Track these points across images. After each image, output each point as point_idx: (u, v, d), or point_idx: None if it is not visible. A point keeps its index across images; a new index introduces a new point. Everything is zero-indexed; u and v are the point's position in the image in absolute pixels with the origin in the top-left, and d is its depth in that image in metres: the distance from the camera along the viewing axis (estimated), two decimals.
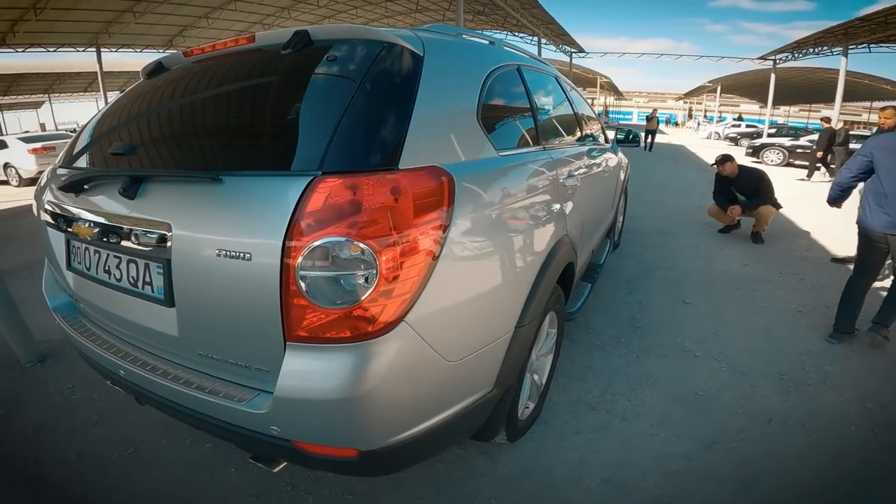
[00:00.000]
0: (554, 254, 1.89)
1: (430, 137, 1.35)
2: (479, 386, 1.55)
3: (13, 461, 2.08)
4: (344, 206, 1.11)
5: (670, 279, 4.17)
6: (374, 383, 1.16)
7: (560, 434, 2.20)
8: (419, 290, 1.20)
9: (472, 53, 1.80)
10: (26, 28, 13.74)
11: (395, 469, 1.61)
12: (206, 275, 1.25)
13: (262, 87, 1.57)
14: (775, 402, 2.42)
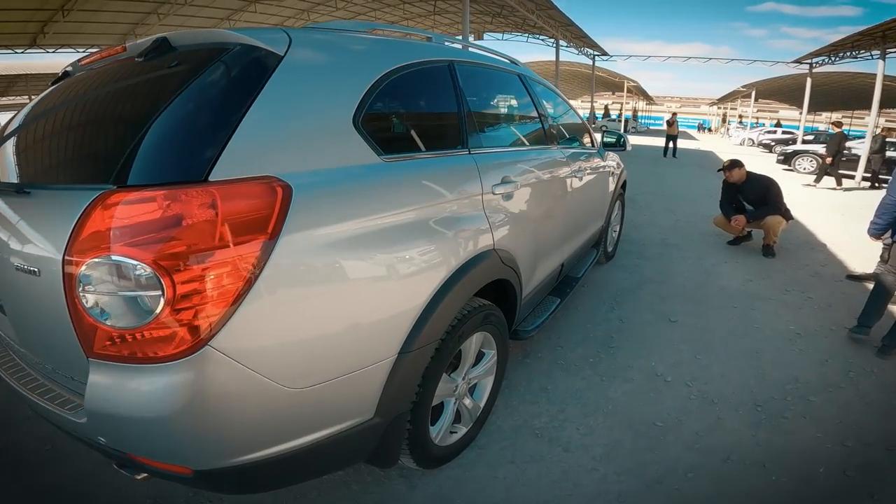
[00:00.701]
0: (463, 272, 1.70)
1: (273, 144, 1.23)
2: (351, 413, 1.43)
3: None
4: (127, 223, 1.03)
5: (661, 295, 3.91)
6: (174, 408, 1.08)
7: (492, 462, 2.02)
8: (227, 313, 1.08)
9: (360, 52, 1.64)
10: (56, 29, 14.21)
11: (250, 489, 1.51)
12: (14, 289, 1.23)
13: (105, 97, 1.52)
14: (741, 436, 2.17)
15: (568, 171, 2.86)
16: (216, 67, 1.27)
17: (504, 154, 2.25)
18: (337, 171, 1.35)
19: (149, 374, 1.09)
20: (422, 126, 1.89)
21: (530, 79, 2.87)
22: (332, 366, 1.33)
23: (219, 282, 1.07)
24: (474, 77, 2.22)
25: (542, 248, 2.52)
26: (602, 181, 3.83)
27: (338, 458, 1.53)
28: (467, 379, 2.01)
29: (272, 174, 1.18)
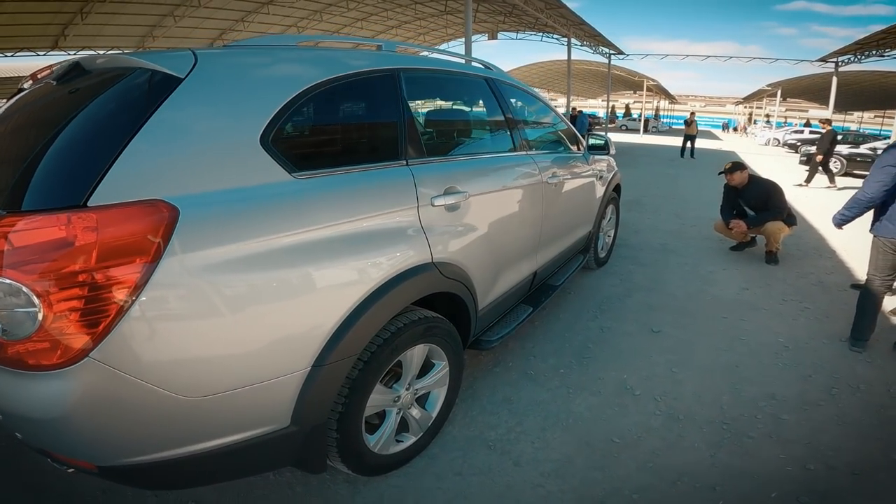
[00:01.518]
0: (389, 287, 1.67)
1: (165, 166, 1.24)
2: (262, 421, 1.46)
3: None
4: (11, 247, 1.09)
5: (649, 303, 3.81)
6: (63, 411, 1.16)
7: (439, 472, 2.00)
8: (106, 329, 1.13)
9: (277, 69, 1.63)
10: (76, 31, 14.66)
11: (163, 486, 1.63)
12: None
13: (25, 120, 1.57)
14: (698, 456, 2.09)
15: (539, 177, 2.79)
16: (111, 93, 1.33)
17: (452, 164, 2.21)
18: (238, 191, 1.35)
19: (39, 380, 1.17)
20: (348, 140, 1.89)
21: (501, 83, 2.81)
22: (231, 377, 1.34)
23: (98, 300, 1.11)
24: (424, 85, 2.20)
25: (504, 258, 2.47)
26: (587, 186, 3.75)
27: (254, 462, 1.55)
28: (413, 389, 1.99)
29: (160, 196, 1.19)
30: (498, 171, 2.49)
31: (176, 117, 1.27)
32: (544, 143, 3.30)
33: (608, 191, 4.27)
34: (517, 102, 2.96)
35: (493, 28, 21.88)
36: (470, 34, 9.96)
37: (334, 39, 2.31)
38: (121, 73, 1.36)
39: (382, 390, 1.83)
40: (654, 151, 19.68)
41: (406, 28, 22.71)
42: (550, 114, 3.53)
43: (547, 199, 2.89)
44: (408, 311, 1.87)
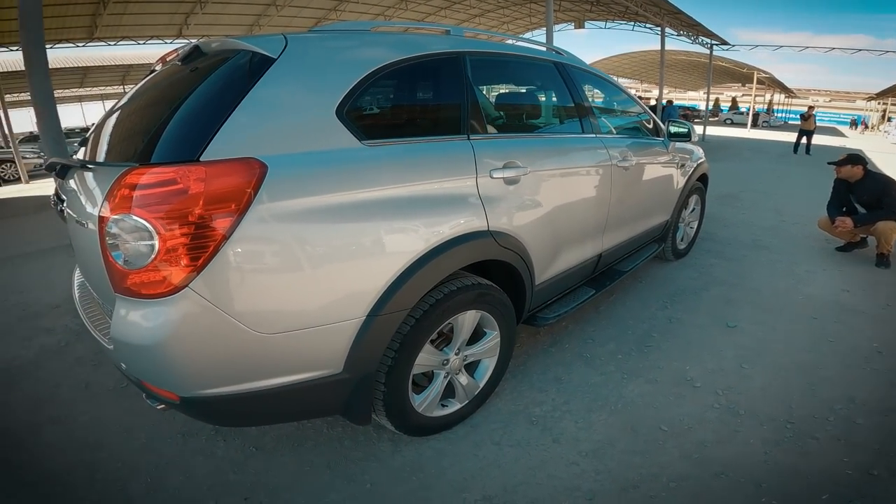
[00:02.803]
0: (443, 249, 1.79)
1: (259, 131, 1.46)
2: (319, 365, 1.61)
3: None
4: (136, 191, 1.32)
5: (728, 298, 3.61)
6: (164, 335, 1.36)
7: (478, 441, 2.09)
8: (203, 263, 1.34)
9: (353, 51, 1.80)
10: (196, 21, 16.12)
11: (229, 422, 1.80)
12: (79, 238, 1.68)
13: (155, 93, 1.87)
14: (750, 452, 2.01)
15: (608, 160, 2.76)
16: (220, 70, 1.59)
17: (513, 141, 2.26)
18: (317, 154, 1.54)
19: (148, 306, 1.38)
20: (415, 114, 2.03)
21: (572, 67, 2.80)
22: (298, 318, 1.51)
23: (199, 239, 1.33)
24: (489, 68, 2.28)
25: (565, 236, 2.49)
26: (665, 173, 3.62)
27: (309, 405, 1.72)
28: (462, 355, 2.09)
29: (254, 155, 1.41)
30: (562, 151, 2.51)
31: (268, 91, 1.49)
32: (618, 129, 3.25)
33: (691, 180, 4.07)
34: (588, 87, 2.94)
35: (580, 17, 21.04)
36: (551, 22, 9.73)
37: (406, 25, 2.45)
38: (229, 54, 1.61)
39: (431, 351, 1.95)
40: (761, 146, 18.17)
41: (489, 17, 22.48)
42: (627, 101, 3.45)
43: (616, 183, 2.85)
44: (462, 275, 1.98)
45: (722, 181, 8.71)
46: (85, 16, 13.90)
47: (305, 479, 1.90)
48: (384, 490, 1.84)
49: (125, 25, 15.36)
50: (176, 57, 1.87)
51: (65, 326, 3.37)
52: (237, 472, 1.94)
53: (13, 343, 3.15)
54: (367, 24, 1.97)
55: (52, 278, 4.49)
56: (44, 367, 2.81)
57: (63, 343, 3.11)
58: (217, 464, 1.98)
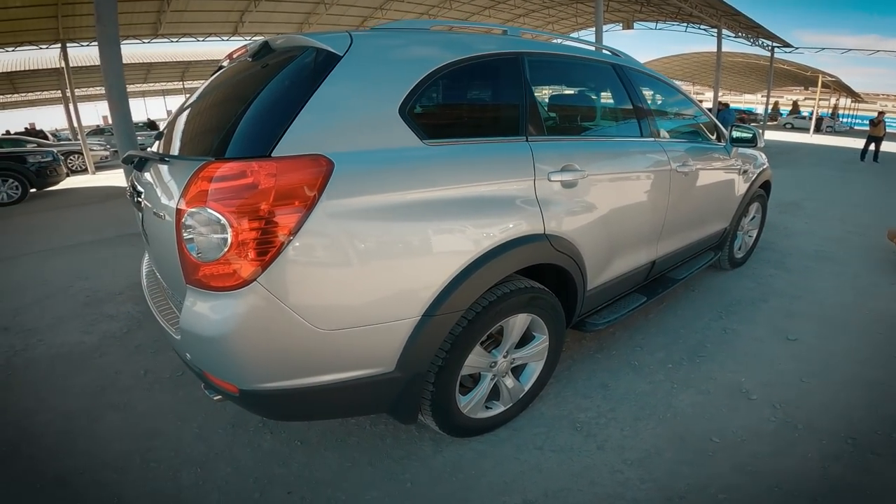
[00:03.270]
0: (500, 252, 1.78)
1: (326, 128, 1.48)
2: (373, 363, 1.63)
3: None
4: (213, 185, 1.37)
5: (789, 310, 3.44)
6: (231, 328, 1.40)
7: (520, 444, 2.08)
8: (271, 259, 1.37)
9: (414, 50, 1.81)
10: (251, 18, 16.74)
11: (282, 416, 1.80)
12: (154, 229, 1.75)
13: (227, 88, 1.92)
14: (808, 466, 1.92)
15: (667, 165, 2.69)
16: (289, 67, 1.61)
17: (572, 143, 2.23)
18: (380, 152, 1.56)
19: (217, 298, 1.42)
20: (474, 115, 2.02)
21: (630, 70, 2.74)
22: (356, 315, 1.54)
23: (269, 233, 1.36)
24: (547, 68, 2.25)
25: (620, 241, 2.44)
26: (726, 179, 3.49)
27: (359, 402, 1.74)
28: (510, 358, 2.08)
29: (321, 152, 1.44)
30: (620, 155, 2.46)
31: (335, 88, 1.51)
32: (678, 133, 3.15)
33: (753, 187, 3.90)
34: (647, 90, 2.86)
35: (629, 17, 20.47)
36: (601, 23, 9.52)
37: (464, 25, 2.45)
38: (297, 51, 1.64)
39: (481, 353, 1.95)
40: (825, 153, 17.25)
41: (534, 17, 22.18)
42: (687, 104, 3.33)
43: (674, 188, 2.77)
44: (515, 278, 1.97)
45: (783, 188, 8.32)
46: (151, 12, 14.65)
47: (347, 475, 1.93)
48: (424, 490, 1.85)
49: (186, 22, 16.08)
50: (245, 53, 1.93)
51: (127, 314, 3.55)
52: (282, 465, 1.99)
53: (78, 328, 3.35)
54: (426, 23, 1.98)
55: (115, 266, 4.74)
56: (106, 353, 2.97)
57: (125, 330, 3.28)
58: (263, 456, 2.04)
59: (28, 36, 13.82)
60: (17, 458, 2.07)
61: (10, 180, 9.23)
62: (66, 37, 14.02)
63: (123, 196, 9.31)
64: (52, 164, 9.94)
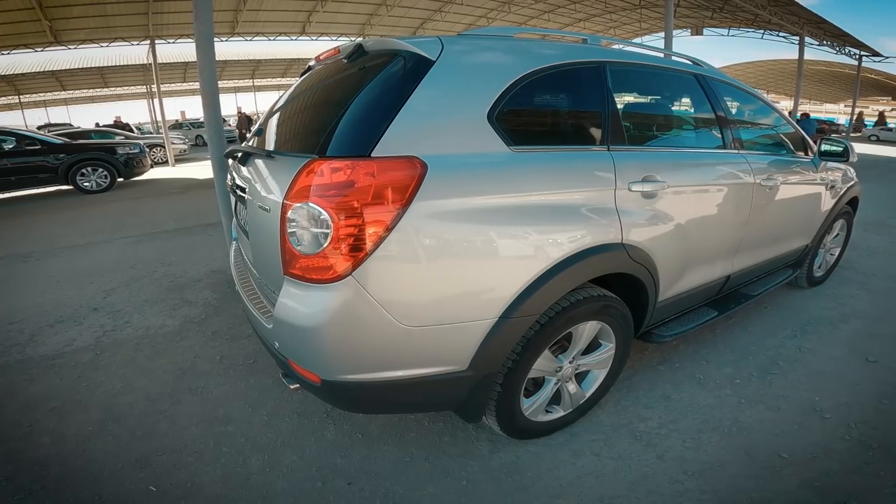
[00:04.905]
0: (578, 259, 1.80)
1: (420, 131, 1.55)
2: (448, 361, 1.68)
3: None
4: (317, 181, 1.45)
5: (870, 332, 3.24)
6: (323, 319, 1.48)
7: (577, 449, 2.09)
8: (367, 254, 1.44)
9: (501, 56, 1.85)
10: (317, 19, 17.46)
11: (357, 408, 1.84)
12: (255, 221, 1.83)
13: (324, 88, 2.01)
14: (880, 484, 1.84)
15: (751, 178, 2.62)
16: (385, 70, 1.67)
17: (653, 154, 2.22)
18: (468, 156, 1.62)
19: (313, 290, 1.49)
20: (557, 123, 2.05)
21: (713, 79, 2.68)
22: (438, 314, 1.59)
23: (366, 230, 1.43)
24: (629, 78, 2.24)
25: (696, 254, 2.41)
26: (812, 194, 3.32)
27: (430, 398, 1.80)
28: (575, 364, 2.10)
29: (415, 154, 1.51)
30: (703, 167, 2.43)
31: (429, 92, 1.57)
32: (762, 145, 3.05)
33: (839, 203, 3.69)
34: (731, 100, 2.79)
35: (698, 23, 19.46)
36: (671, 28, 9.21)
37: (544, 32, 2.49)
38: (391, 55, 1.69)
39: (549, 357, 1.98)
40: None
41: (594, 21, 21.58)
42: (772, 114, 3.20)
43: (756, 202, 2.69)
44: (588, 285, 1.98)
45: (867, 205, 7.74)
46: (229, 10, 15.50)
47: (405, 470, 1.98)
48: (480, 488, 1.89)
49: (259, 21, 16.91)
50: (338, 55, 2.01)
51: (205, 300, 3.79)
52: (343, 456, 2.06)
53: (162, 312, 3.62)
54: (510, 29, 2.02)
55: (195, 254, 5.07)
56: (186, 338, 3.19)
57: (203, 316, 3.51)
58: (326, 447, 2.12)
59: (120, 32, 14.86)
60: (102, 436, 2.22)
61: (101, 170, 10.01)
62: (154, 34, 14.97)
63: (201, 188, 9.90)
64: (138, 155, 10.69)
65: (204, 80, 3.61)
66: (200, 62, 3.56)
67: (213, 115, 3.59)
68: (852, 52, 20.86)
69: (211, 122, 3.63)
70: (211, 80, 3.61)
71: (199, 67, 3.60)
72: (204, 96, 3.61)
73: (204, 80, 3.61)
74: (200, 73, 3.61)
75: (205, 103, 3.59)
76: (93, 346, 3.09)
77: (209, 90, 3.59)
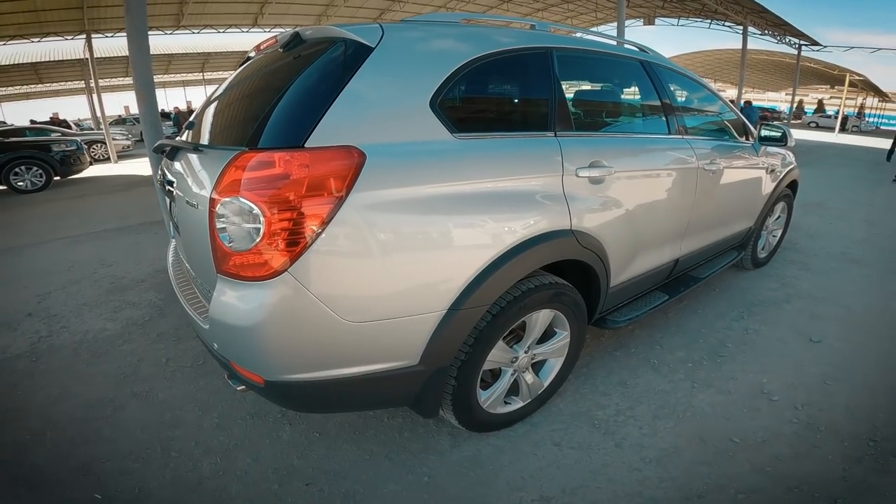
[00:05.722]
0: (527, 247, 1.77)
1: (358, 119, 1.48)
2: (398, 356, 1.63)
3: None
4: (247, 175, 1.37)
5: (812, 312, 3.38)
6: (260, 318, 1.41)
7: (537, 440, 2.08)
8: (303, 249, 1.37)
9: (445, 43, 1.79)
10: (270, 10, 16.82)
11: (306, 407, 1.78)
12: (185, 217, 1.74)
13: (259, 79, 1.92)
14: (828, 468, 1.90)
15: (695, 163, 2.66)
16: (322, 58, 1.60)
17: (600, 139, 2.22)
18: (411, 145, 1.56)
19: (248, 288, 1.43)
20: (504, 109, 2.02)
21: (659, 66, 2.71)
22: (384, 308, 1.54)
23: (300, 224, 1.37)
24: (576, 64, 2.23)
25: (644, 239, 2.42)
26: (753, 178, 3.43)
27: (382, 395, 1.75)
28: (531, 353, 2.08)
29: (353, 143, 1.44)
30: (648, 152, 2.44)
31: (367, 79, 1.51)
32: (705, 130, 3.12)
33: (780, 187, 3.84)
34: (676, 87, 2.83)
35: (650, 13, 20.13)
36: (623, 18, 9.41)
37: (492, 18, 2.44)
38: (328, 42, 1.63)
39: (503, 348, 1.95)
40: (851, 152, 16.87)
41: (552, 11, 21.86)
42: (715, 101, 3.28)
43: (701, 187, 2.74)
44: (539, 274, 1.96)
45: (807, 188, 8.15)
46: (174, 3, 14.81)
47: (365, 468, 1.94)
48: (442, 483, 1.86)
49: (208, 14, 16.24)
50: (275, 44, 1.93)
51: (149, 301, 3.61)
52: (300, 456, 2.00)
53: (103, 315, 3.42)
54: (456, 15, 1.97)
55: (138, 253, 4.83)
56: (129, 341, 3.02)
57: (147, 318, 3.34)
58: (282, 447, 2.05)
59: (54, 27, 14.06)
60: (40, 445, 2.10)
61: (35, 168, 9.45)
62: (90, 28, 14.22)
63: (146, 184, 9.47)
64: (76, 152, 10.15)
65: (138, 73, 3.44)
66: (133, 56, 3.40)
67: (149, 110, 3.43)
68: (792, 42, 21.80)
69: (146, 117, 3.46)
70: (145, 73, 3.44)
71: (131, 62, 3.43)
72: (138, 90, 3.45)
73: (138, 73, 3.44)
74: (133, 67, 3.44)
75: (139, 97, 3.43)
76: (28, 353, 2.90)
77: (143, 83, 3.43)
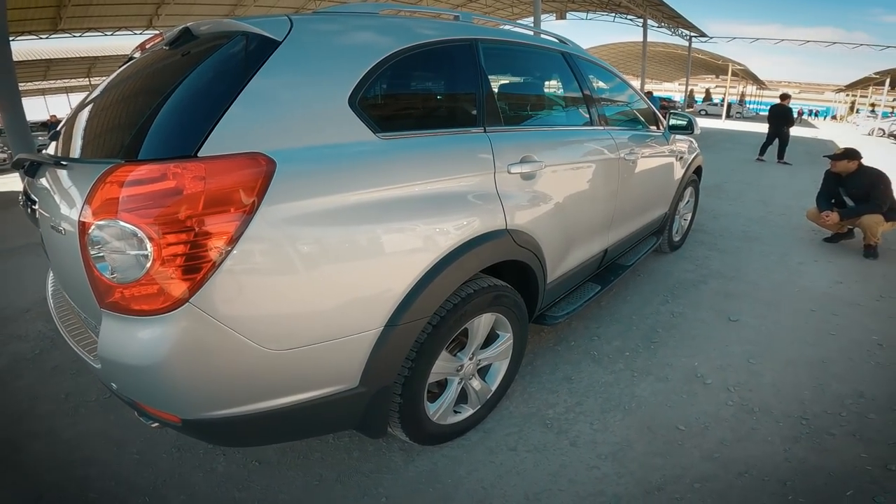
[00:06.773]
0: (463, 251, 1.66)
1: (265, 122, 1.29)
2: (334, 380, 1.48)
3: None
4: (126, 193, 1.15)
5: (727, 291, 3.59)
6: (162, 355, 1.20)
7: (493, 447, 2.00)
8: (207, 275, 1.17)
9: (363, 36, 1.64)
10: (168, 11, 15.54)
11: (238, 442, 1.64)
12: (54, 246, 1.49)
13: (140, 81, 1.67)
14: (771, 450, 1.97)
15: (616, 153, 2.70)
16: (217, 55, 1.38)
17: (530, 133, 2.18)
18: (329, 148, 1.39)
19: (140, 325, 1.21)
20: (430, 105, 1.91)
21: (579, 58, 2.73)
22: (311, 332, 1.37)
23: (201, 246, 1.16)
24: (501, 56, 2.16)
25: (576, 232, 2.41)
26: (666, 166, 3.58)
27: (322, 422, 1.59)
28: (476, 360, 2.00)
29: (259, 150, 1.25)
30: (575, 144, 2.43)
31: (274, 77, 1.33)
32: (623, 120, 3.19)
33: (688, 172, 4.06)
34: (595, 78, 2.87)
35: (562, 8, 21.18)
36: (539, 12, 9.70)
37: (415, 9, 2.32)
38: (225, 37, 1.42)
39: (447, 357, 1.84)
40: (737, 137, 18.47)
41: (471, 6, 22.36)
42: (630, 92, 3.39)
43: (623, 176, 2.79)
44: (478, 277, 1.87)
45: (706, 172, 8.73)
46: (49, 7, 13.36)
47: (316, 495, 1.78)
48: (400, 503, 1.75)
49: (92, 16, 14.77)
50: (161, 41, 1.67)
51: (38, 332, 3.16)
52: (241, 489, 1.81)
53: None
54: (375, 6, 1.82)
55: (21, 280, 4.24)
56: (20, 377, 2.62)
57: (37, 351, 2.91)
58: (218, 480, 1.85)
59: None
60: None
61: None
62: None
63: None
64: None
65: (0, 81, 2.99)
66: None
67: (14, 119, 3.02)
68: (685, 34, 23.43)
69: (12, 127, 3.05)
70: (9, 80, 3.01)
71: None
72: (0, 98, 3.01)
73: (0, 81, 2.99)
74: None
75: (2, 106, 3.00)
76: None
77: (7, 93, 3.01)
